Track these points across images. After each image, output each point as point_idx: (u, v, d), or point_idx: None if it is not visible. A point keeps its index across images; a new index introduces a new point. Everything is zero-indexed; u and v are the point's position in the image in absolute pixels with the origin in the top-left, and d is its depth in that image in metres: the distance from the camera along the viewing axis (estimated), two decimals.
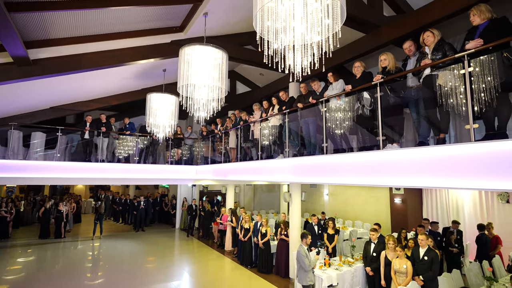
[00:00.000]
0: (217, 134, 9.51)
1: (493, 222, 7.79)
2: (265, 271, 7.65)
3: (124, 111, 12.12)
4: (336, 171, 4.57)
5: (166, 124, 8.02)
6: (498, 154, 2.77)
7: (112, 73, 8.16)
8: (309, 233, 5.40)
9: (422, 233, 5.24)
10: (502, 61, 3.11)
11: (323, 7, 2.79)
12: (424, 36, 3.91)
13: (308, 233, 5.41)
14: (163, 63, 8.21)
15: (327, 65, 6.50)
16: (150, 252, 9.72)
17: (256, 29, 2.99)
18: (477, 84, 3.22)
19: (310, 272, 5.07)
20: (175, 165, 10.19)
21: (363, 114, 4.61)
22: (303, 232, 5.43)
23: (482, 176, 2.88)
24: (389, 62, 4.28)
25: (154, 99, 7.92)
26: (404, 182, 3.64)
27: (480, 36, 3.21)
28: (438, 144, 3.67)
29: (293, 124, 6.06)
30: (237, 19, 6.65)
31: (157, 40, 6.94)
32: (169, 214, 15.06)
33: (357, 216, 11.22)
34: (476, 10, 3.38)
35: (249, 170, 7.13)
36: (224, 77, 5.56)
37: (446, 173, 3.19)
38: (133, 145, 9.66)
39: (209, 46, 5.31)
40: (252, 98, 10.24)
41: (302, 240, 5.32)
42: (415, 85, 4.00)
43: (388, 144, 4.09)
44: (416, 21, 5.09)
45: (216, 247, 10.46)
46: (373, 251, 5.63)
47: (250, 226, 8.31)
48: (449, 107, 3.57)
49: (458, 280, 5.51)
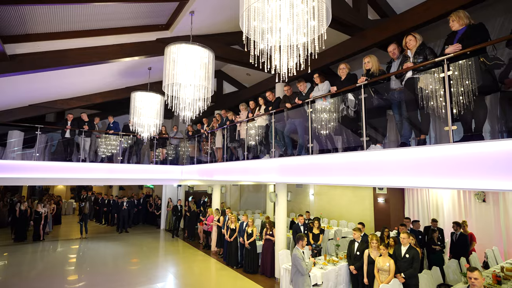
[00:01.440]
0: (203, 134, 9.44)
1: (471, 221, 8.11)
2: (250, 271, 7.65)
3: (107, 110, 11.81)
4: (322, 171, 4.63)
5: (151, 124, 7.90)
6: (474, 155, 2.88)
7: (95, 71, 7.95)
8: (304, 236, 5.18)
9: (404, 232, 5.38)
10: (479, 66, 3.24)
11: (309, 8, 2.82)
12: (406, 40, 4.02)
13: (304, 235, 5.18)
14: (148, 61, 8.08)
15: (313, 66, 6.62)
16: (134, 254, 9.53)
17: (242, 29, 2.98)
18: (456, 88, 3.34)
19: (306, 276, 4.82)
20: (160, 165, 10.04)
21: (348, 115, 4.70)
22: (299, 235, 5.16)
23: (460, 176, 2.99)
24: (372, 65, 4.38)
25: (139, 98, 7.78)
26: (386, 182, 3.73)
27: (458, 41, 3.33)
28: (419, 145, 3.78)
29: (279, 125, 6.10)
30: (224, 19, 6.63)
31: (142, 38, 6.82)
32: (153, 215, 14.82)
33: (342, 216, 11.40)
34: (455, 16, 3.51)
35: (235, 170, 7.12)
36: (210, 76, 5.52)
37: (426, 173, 3.29)
38: (116, 145, 9.44)
39: (196, 45, 5.27)
40: (238, 98, 10.23)
41: (297, 243, 5.05)
42: (398, 87, 4.11)
43: (371, 145, 4.18)
44: (399, 25, 5.22)
45: (202, 248, 10.38)
46: (357, 250, 5.73)
47: (236, 226, 8.29)
48: (430, 109, 3.69)
49: (438, 276, 5.69)
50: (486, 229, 7.92)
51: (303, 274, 4.78)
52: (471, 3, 4.27)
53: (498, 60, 3.14)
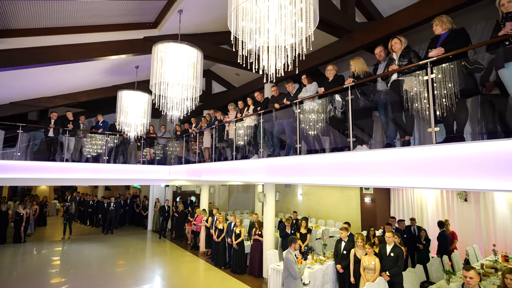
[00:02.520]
0: (191, 134, 9.36)
1: (453, 220, 8.34)
2: (238, 272, 7.64)
3: (93, 109, 11.58)
4: (309, 171, 4.66)
5: (138, 123, 7.78)
6: (456, 155, 2.96)
7: (80, 68, 7.77)
8: (297, 238, 5.04)
9: (389, 231, 5.49)
10: (461, 69, 3.34)
11: (297, 10, 2.84)
12: (392, 43, 4.11)
13: (296, 238, 5.09)
14: (135, 59, 7.95)
15: (302, 67, 6.65)
16: (120, 255, 9.36)
17: (230, 29, 2.98)
18: (439, 90, 3.43)
19: (299, 280, 4.71)
20: (147, 165, 9.90)
21: (335, 116, 4.75)
22: (291, 237, 5.06)
23: (442, 176, 3.06)
24: (355, 68, 4.45)
25: (126, 97, 7.65)
26: (372, 182, 3.79)
27: (441, 45, 3.42)
28: (403, 146, 3.86)
29: (267, 125, 6.11)
30: (212, 18, 6.59)
31: (129, 36, 6.71)
32: (140, 216, 14.59)
33: (329, 215, 11.52)
34: (438, 21, 3.60)
35: (223, 170, 7.09)
36: (199, 76, 5.49)
37: (410, 173, 3.36)
38: (102, 144, 9.25)
39: (184, 44, 5.22)
40: (227, 98, 10.20)
41: (290, 246, 4.94)
42: (384, 89, 4.19)
43: (358, 146, 4.24)
44: (385, 28, 5.32)
45: (190, 249, 10.29)
46: (343, 249, 5.81)
47: (224, 227, 8.26)
48: (414, 111, 3.77)
49: (421, 274, 5.83)
50: (468, 228, 8.17)
51: (296, 278, 4.66)
52: (454, 8, 4.40)
53: (478, 64, 3.25)
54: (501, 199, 7.67)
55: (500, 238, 7.55)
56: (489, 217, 7.83)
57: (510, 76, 2.93)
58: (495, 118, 3.55)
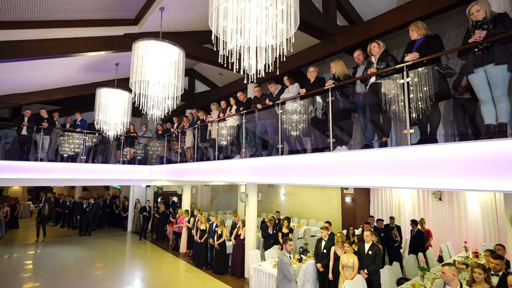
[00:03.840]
0: (173, 133, 9.22)
1: (429, 218, 8.67)
2: (220, 272, 7.61)
3: (70, 106, 11.17)
4: (291, 171, 4.71)
5: (118, 122, 7.58)
6: (429, 156, 3.08)
7: (56, 64, 7.48)
8: (290, 239, 4.99)
9: (368, 230, 5.63)
10: (435, 74, 3.48)
11: (278, 11, 2.87)
12: (371, 47, 4.22)
13: (289, 238, 5.01)
14: (115, 56, 7.74)
15: (284, 68, 6.71)
16: (98, 258, 9.08)
17: (211, 28, 2.96)
18: (414, 93, 3.56)
19: (293, 282, 4.61)
20: (128, 165, 9.65)
21: (316, 117, 4.83)
22: (285, 238, 4.98)
23: (417, 176, 3.17)
24: (336, 70, 4.54)
25: (105, 95, 7.43)
26: (352, 182, 3.87)
27: (416, 50, 3.55)
28: (381, 147, 3.98)
29: (250, 125, 6.12)
30: (195, 16, 6.52)
31: (109, 32, 6.53)
32: (120, 217, 14.21)
33: (311, 215, 11.68)
34: (414, 26, 3.73)
35: (205, 171, 7.04)
36: (180, 75, 5.41)
37: (387, 173, 3.46)
38: (80, 143, 8.94)
39: (165, 42, 5.14)
40: (211, 97, 10.12)
41: (283, 247, 4.86)
42: (363, 91, 4.29)
43: (338, 146, 4.32)
44: (365, 32, 5.46)
45: (171, 250, 10.14)
46: (324, 248, 5.90)
47: (206, 227, 8.20)
48: (391, 113, 3.89)
49: (398, 271, 6.02)
50: (442, 226, 8.52)
51: (291, 280, 4.57)
52: (429, 15, 4.58)
53: (450, 69, 3.39)
54: (473, 198, 8.05)
55: (471, 236, 7.92)
56: (461, 215, 8.19)
57: (478, 82, 3.08)
58: (466, 121, 3.73)
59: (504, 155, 2.56)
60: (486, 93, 3.06)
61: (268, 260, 6.44)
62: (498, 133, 2.93)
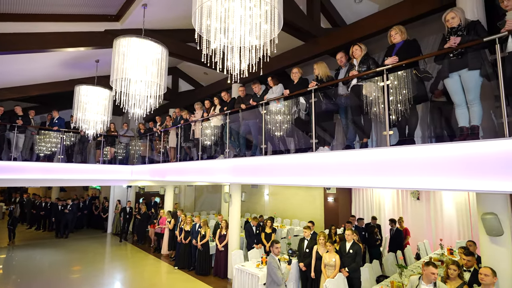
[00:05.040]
0: (155, 133, 9.06)
1: (407, 217, 8.96)
2: (203, 273, 7.54)
3: (47, 104, 10.74)
4: (274, 171, 4.73)
5: (98, 120, 7.35)
6: (407, 157, 3.18)
7: (33, 59, 7.18)
8: (277, 241, 4.86)
9: (349, 229, 5.75)
10: (413, 77, 3.60)
11: (262, 12, 2.88)
12: (353, 49, 4.31)
13: (277, 241, 4.86)
14: (96, 53, 7.51)
15: (268, 69, 6.75)
16: (76, 261, 8.77)
17: (195, 26, 2.93)
18: (394, 96, 3.67)
19: (282, 286, 4.48)
20: (108, 165, 9.39)
21: (300, 117, 4.88)
22: (273, 240, 4.84)
23: (396, 176, 3.27)
24: (319, 72, 4.61)
25: (84, 92, 7.19)
26: (334, 182, 3.93)
27: (396, 54, 3.66)
28: (361, 147, 4.07)
29: (234, 125, 6.10)
30: (179, 14, 6.44)
31: (89, 28, 6.33)
32: (99, 218, 13.79)
33: (295, 215, 11.79)
34: (398, 29, 3.83)
35: (189, 171, 6.96)
36: (163, 73, 5.32)
37: (368, 173, 3.54)
38: (57, 142, 8.61)
39: (148, 39, 5.04)
40: (195, 96, 10.01)
41: (271, 250, 4.74)
42: (345, 93, 4.38)
43: (320, 147, 4.39)
44: (347, 35, 5.57)
45: (153, 252, 9.95)
46: (306, 247, 5.97)
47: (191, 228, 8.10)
48: (372, 115, 3.99)
49: (377, 269, 6.18)
50: (420, 224, 8.82)
51: (279, 284, 4.42)
52: (409, 20, 4.73)
53: (427, 73, 3.52)
54: (448, 198, 8.38)
55: (446, 234, 8.25)
56: (438, 214, 8.52)
57: (453, 86, 3.22)
58: (442, 123, 3.88)
59: (476, 156, 2.68)
60: (460, 97, 3.20)
61: (251, 260, 6.44)
62: (471, 135, 3.07)
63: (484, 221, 3.49)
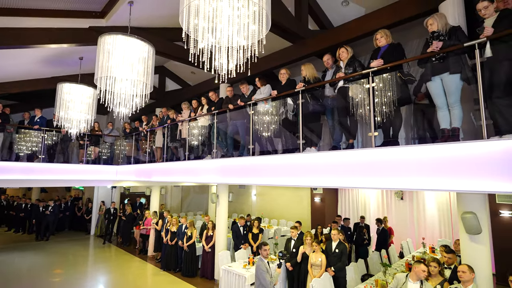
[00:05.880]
0: (141, 132, 8.91)
1: (391, 216, 9.16)
2: (189, 275, 7.46)
3: (27, 102, 10.38)
4: (262, 172, 4.74)
5: (82, 119, 7.16)
6: (391, 158, 3.25)
7: (13, 55, 6.94)
8: (266, 243, 4.82)
9: (335, 229, 5.82)
10: (397, 80, 3.68)
11: (250, 12, 2.88)
12: (339, 52, 4.37)
13: (266, 242, 4.84)
14: (80, 50, 7.33)
15: (256, 69, 6.75)
16: (57, 264, 8.50)
17: (182, 25, 2.90)
18: (379, 98, 3.74)
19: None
20: (92, 165, 9.14)
21: (287, 118, 4.91)
22: (261, 242, 4.79)
23: (381, 176, 3.33)
24: (306, 73, 4.66)
25: (67, 90, 6.98)
26: (320, 182, 3.97)
27: (381, 56, 3.74)
28: (347, 148, 4.13)
29: (221, 125, 6.08)
30: (167, 13, 6.36)
31: (73, 24, 6.16)
32: (82, 220, 13.42)
33: (282, 215, 11.84)
34: (383, 33, 3.92)
35: (175, 171, 6.87)
36: (150, 72, 5.23)
37: (353, 174, 3.60)
38: (38, 141, 8.32)
39: (134, 37, 4.94)
40: (182, 96, 9.91)
41: (260, 253, 4.67)
42: (331, 95, 4.43)
43: (307, 148, 4.43)
44: (335, 38, 5.65)
45: (138, 253, 9.77)
46: (293, 247, 6.01)
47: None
48: (358, 116, 4.06)
49: (362, 268, 6.29)
50: (403, 223, 9.04)
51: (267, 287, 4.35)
52: (393, 24, 4.84)
53: (411, 76, 3.62)
54: (431, 198, 8.63)
55: (428, 232, 8.49)
56: (420, 214, 8.76)
57: (435, 89, 3.32)
58: (424, 125, 3.99)
59: (456, 157, 2.77)
60: (441, 100, 3.30)
61: (238, 261, 6.43)
62: (452, 137, 3.17)
63: (463, 220, 3.61)
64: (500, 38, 2.82)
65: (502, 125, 2.82)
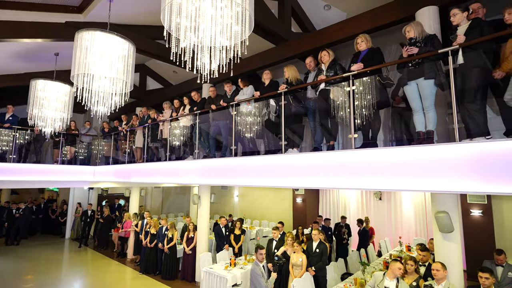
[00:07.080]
0: (121, 132, 8.66)
1: (371, 216, 9.40)
2: (169, 278, 7.32)
3: None
4: (244, 173, 4.73)
5: (57, 117, 6.86)
6: (370, 160, 3.34)
7: None
8: (262, 247, 4.71)
9: (316, 229, 5.90)
10: (376, 84, 3.79)
11: (234, 13, 2.87)
12: (321, 55, 4.45)
13: (262, 245, 4.73)
14: (55, 45, 7.04)
15: (241, 70, 6.76)
16: (28, 269, 8.09)
17: (164, 24, 2.85)
18: (359, 101, 3.84)
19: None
20: (67, 165, 8.78)
21: (270, 119, 4.93)
22: (257, 245, 4.70)
23: (360, 177, 3.41)
24: (288, 75, 4.71)
25: (41, 87, 6.67)
26: (302, 183, 4.01)
27: (361, 60, 3.84)
28: (328, 150, 4.21)
29: (204, 126, 6.02)
30: (148, 10, 6.23)
31: (48, 18, 5.91)
32: (57, 223, 12.85)
33: (264, 216, 11.87)
34: (364, 37, 4.03)
35: (156, 172, 6.73)
36: (130, 70, 5.09)
37: (334, 175, 3.66)
38: (9, 140, 7.90)
39: (113, 34, 4.80)
40: (163, 95, 9.73)
41: (256, 256, 4.59)
42: (313, 97, 4.50)
43: (289, 149, 4.46)
44: (317, 40, 5.74)
45: (116, 257, 9.48)
46: (275, 248, 6.03)
47: (156, 231, 7.83)
48: (339, 118, 4.15)
49: (342, 267, 6.41)
50: (382, 223, 9.31)
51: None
52: (373, 29, 4.98)
53: (389, 80, 3.74)
54: (407, 198, 8.94)
55: (405, 231, 8.79)
56: (397, 213, 9.05)
57: (411, 93, 3.44)
58: (402, 127, 4.13)
59: (431, 159, 2.88)
60: (417, 103, 3.43)
61: (220, 263, 6.38)
62: (427, 139, 3.30)
63: (437, 219, 3.76)
64: (471, 46, 2.97)
65: (473, 128, 2.96)
